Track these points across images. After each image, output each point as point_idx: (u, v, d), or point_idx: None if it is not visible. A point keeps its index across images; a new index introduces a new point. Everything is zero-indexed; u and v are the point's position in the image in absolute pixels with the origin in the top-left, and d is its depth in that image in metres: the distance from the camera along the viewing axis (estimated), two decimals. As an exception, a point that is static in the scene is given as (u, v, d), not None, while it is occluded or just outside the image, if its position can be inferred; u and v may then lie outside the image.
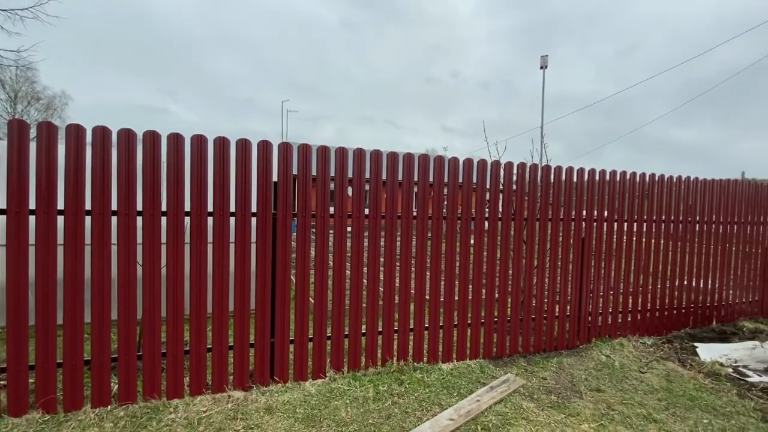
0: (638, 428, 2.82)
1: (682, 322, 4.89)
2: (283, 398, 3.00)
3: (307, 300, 3.23)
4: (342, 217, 3.30)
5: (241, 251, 3.00)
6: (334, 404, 2.96)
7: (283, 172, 3.07)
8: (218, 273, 2.96)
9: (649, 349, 4.32)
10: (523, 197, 3.98)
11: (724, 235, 5.09)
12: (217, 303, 2.97)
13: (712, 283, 5.06)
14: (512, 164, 3.93)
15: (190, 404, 2.90)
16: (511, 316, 4.01)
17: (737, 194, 5.17)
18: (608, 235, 4.41)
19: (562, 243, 4.17)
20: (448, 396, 3.16)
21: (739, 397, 3.28)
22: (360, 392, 3.13)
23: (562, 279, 4.20)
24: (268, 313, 3.11)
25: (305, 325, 3.24)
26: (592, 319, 4.39)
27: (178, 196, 2.84)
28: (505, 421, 2.84)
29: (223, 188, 2.94)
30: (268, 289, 3.09)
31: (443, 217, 3.68)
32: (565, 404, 3.12)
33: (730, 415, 3.02)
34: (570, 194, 4.18)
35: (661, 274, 4.74)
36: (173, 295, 2.86)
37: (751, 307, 5.36)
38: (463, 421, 2.79)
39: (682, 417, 2.99)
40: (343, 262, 3.33)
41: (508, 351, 4.02)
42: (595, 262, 4.35)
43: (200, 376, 2.98)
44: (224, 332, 3.02)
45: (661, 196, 4.67)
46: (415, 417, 2.85)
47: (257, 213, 3.04)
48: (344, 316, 3.37)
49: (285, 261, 3.13)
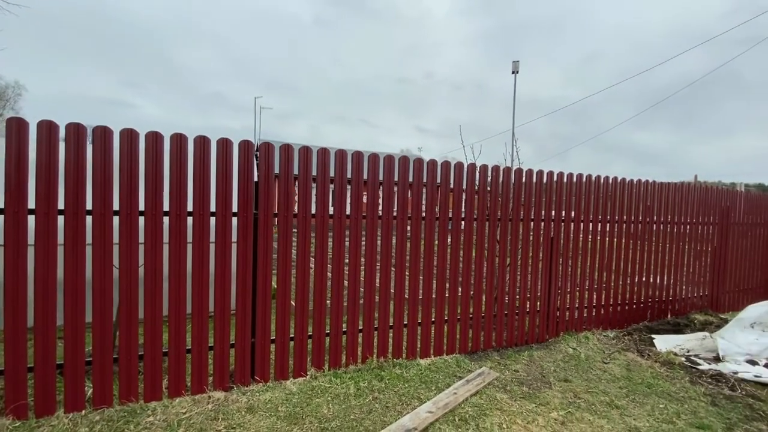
0: (602, 414, 3.03)
1: (640, 316, 5.24)
2: (265, 397, 3.02)
3: (288, 300, 3.25)
4: (324, 218, 3.34)
5: (222, 251, 2.99)
6: (315, 402, 3.00)
7: (265, 172, 3.08)
8: (198, 273, 2.94)
9: (611, 341, 4.60)
10: (497, 198, 4.16)
11: (678, 235, 5.49)
12: (197, 304, 2.95)
13: (668, 279, 5.44)
14: (487, 167, 4.09)
15: (168, 406, 2.86)
16: (486, 313, 4.18)
17: (690, 197, 5.59)
18: (575, 234, 4.67)
19: (532, 242, 4.38)
20: (427, 390, 3.27)
21: (691, 383, 3.58)
22: (341, 389, 3.18)
23: (533, 276, 4.41)
24: (249, 314, 3.11)
25: (286, 325, 3.26)
26: (560, 314, 4.63)
27: (156, 196, 2.80)
28: (480, 411, 2.98)
29: (203, 188, 2.92)
30: (249, 289, 3.09)
31: (421, 217, 3.79)
32: (536, 394, 3.30)
33: (683, 400, 3.29)
34: (540, 196, 4.39)
35: (623, 271, 5.06)
36: (151, 297, 2.82)
37: (701, 301, 5.81)
38: (441, 413, 2.91)
39: (641, 402, 3.23)
40: (325, 262, 3.38)
41: (483, 346, 4.19)
42: (562, 260, 4.60)
43: (179, 378, 2.94)
44: (204, 333, 2.99)
45: (622, 198, 4.99)
46: (396, 411, 2.94)
47: (238, 213, 3.03)
48: (325, 315, 3.42)
49: (266, 261, 3.14)
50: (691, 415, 3.04)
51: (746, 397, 3.32)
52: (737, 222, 6.18)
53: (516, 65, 18.14)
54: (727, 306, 6.13)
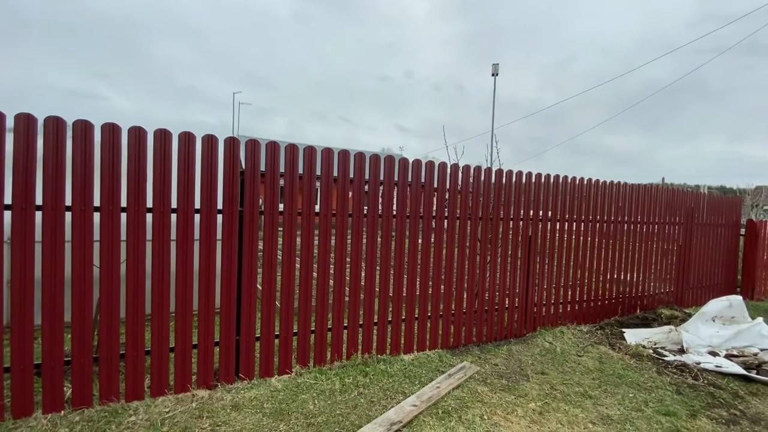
0: (577, 404, 3.18)
1: (612, 311, 5.49)
2: (250, 395, 3.02)
3: (273, 297, 3.26)
4: (310, 215, 3.36)
5: (206, 249, 2.97)
6: (301, 398, 3.03)
7: (251, 169, 3.07)
8: (181, 271, 2.91)
9: (585, 335, 4.81)
10: (478, 198, 4.28)
11: (647, 234, 5.78)
12: (180, 302, 2.92)
13: (637, 277, 5.72)
14: (470, 167, 4.20)
15: (151, 405, 2.82)
16: (467, 309, 4.29)
17: (658, 198, 5.89)
18: (551, 233, 4.85)
19: (511, 241, 4.52)
20: (411, 384, 3.35)
21: (658, 374, 3.80)
22: (326, 385, 3.22)
23: (512, 274, 4.56)
24: (233, 311, 3.10)
25: (272, 322, 3.27)
26: (537, 309, 4.80)
27: (139, 192, 2.76)
28: (462, 404, 3.08)
29: (187, 185, 2.89)
30: (234, 287, 3.08)
31: (406, 216, 3.86)
32: (515, 387, 3.43)
33: (651, 389, 3.49)
34: (519, 196, 4.54)
35: (596, 269, 5.29)
36: (133, 295, 2.78)
37: (668, 296, 6.13)
38: (425, 406, 2.99)
39: (612, 392, 3.41)
40: (310, 259, 3.40)
41: (464, 341, 4.30)
42: (540, 258, 4.77)
43: (162, 377, 2.91)
44: (188, 331, 2.97)
45: (596, 199, 5.21)
46: (381, 405, 3.00)
47: (223, 210, 3.02)
48: (311, 312, 3.44)
49: (251, 259, 3.13)
50: (658, 403, 3.24)
51: (708, 386, 3.55)
52: (700, 222, 6.55)
53: (496, 68, 18.52)
54: (690, 301, 6.49)
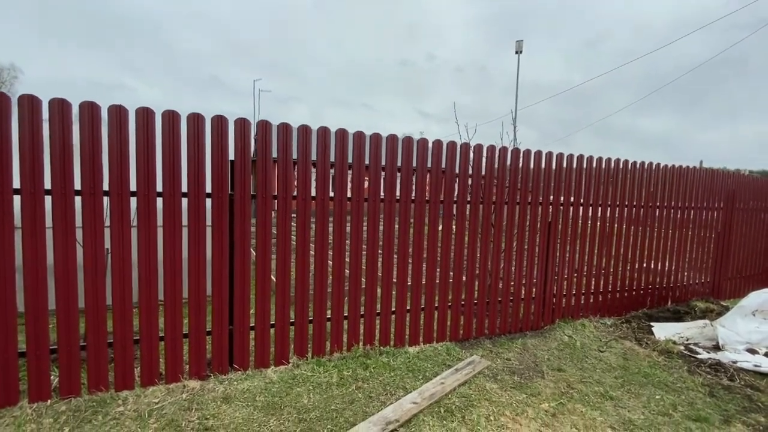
0: (595, 406, 2.90)
1: (640, 303, 5.09)
2: (243, 386, 2.89)
3: (268, 286, 3.10)
4: (306, 200, 3.15)
5: (195, 234, 2.82)
6: (296, 391, 2.88)
7: (241, 150, 2.88)
8: (170, 258, 2.77)
9: (608, 329, 4.46)
10: (492, 181, 3.95)
11: (682, 220, 5.29)
12: (170, 290, 2.79)
13: (669, 265, 5.27)
14: (482, 146, 3.88)
15: (141, 396, 2.74)
16: (478, 299, 4.03)
17: (695, 180, 5.36)
18: (573, 219, 4.47)
19: (529, 226, 4.19)
20: (414, 379, 3.14)
21: (689, 373, 3.44)
22: (324, 378, 3.05)
23: (529, 262, 4.24)
24: (225, 300, 2.95)
25: (267, 311, 3.12)
26: (556, 300, 4.48)
27: (122, 174, 2.61)
28: (468, 402, 2.85)
29: (173, 166, 2.72)
30: (225, 274, 2.93)
31: (411, 200, 3.60)
32: (528, 384, 3.17)
33: (681, 391, 3.15)
34: (538, 178, 4.18)
35: (622, 257, 4.88)
36: (120, 282, 2.66)
37: (703, 287, 5.65)
38: (426, 404, 2.78)
39: (637, 393, 3.10)
40: (307, 245, 3.21)
41: (475, 333, 4.05)
42: (560, 245, 4.42)
43: (152, 366, 2.81)
44: (178, 320, 2.85)
45: (624, 182, 4.77)
46: (379, 401, 2.82)
47: (212, 194, 2.85)
48: (308, 301, 3.27)
49: (244, 245, 2.97)
50: (688, 407, 2.91)
51: (745, 388, 3.18)
52: (741, 207, 5.97)
53: (520, 45, 17.62)
54: (728, 293, 5.97)
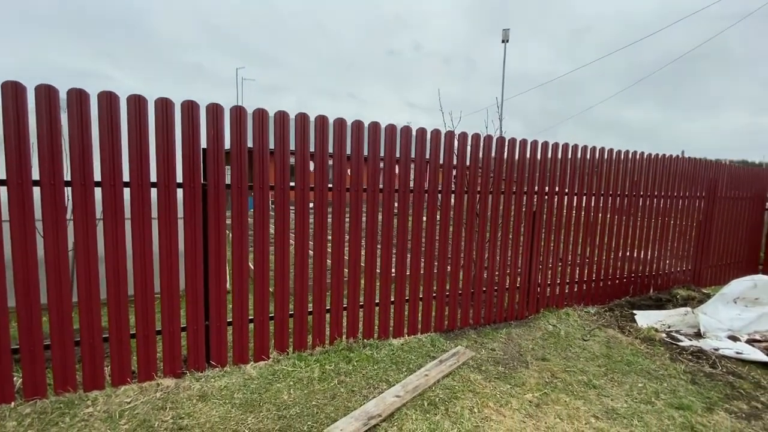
0: (579, 395, 2.89)
1: (623, 291, 5.13)
2: (220, 383, 2.79)
3: (245, 279, 2.99)
4: (284, 190, 3.03)
5: (166, 226, 2.68)
6: (276, 387, 2.79)
7: (213, 138, 2.73)
8: (139, 251, 2.64)
9: (592, 317, 4.48)
10: (477, 170, 3.88)
11: (665, 209, 5.32)
12: (140, 284, 2.66)
13: (651, 254, 5.31)
14: (466, 135, 3.79)
15: (111, 396, 2.62)
16: (463, 289, 3.98)
17: (678, 170, 5.38)
18: (558, 208, 4.45)
19: (514, 216, 4.15)
20: (397, 372, 3.09)
21: (671, 360, 3.46)
22: (305, 373, 2.98)
23: (513, 251, 4.21)
24: (200, 294, 2.84)
25: (245, 306, 3.01)
26: (540, 290, 4.47)
27: (85, 163, 2.45)
28: (452, 394, 2.81)
29: (141, 155, 2.57)
30: (199, 268, 2.81)
31: (395, 189, 3.51)
32: (512, 374, 3.14)
33: (663, 378, 3.17)
34: (523, 167, 4.13)
35: (606, 246, 4.89)
36: (85, 277, 2.52)
37: (684, 275, 5.72)
38: (409, 397, 2.73)
39: (620, 382, 3.10)
40: (286, 236, 3.10)
41: (460, 324, 4.01)
42: (545, 234, 4.39)
43: (123, 365, 2.69)
44: (149, 316, 2.72)
45: (608, 171, 4.75)
46: (361, 395, 2.75)
47: (184, 183, 2.71)
48: (288, 294, 3.17)
49: (219, 237, 2.84)
50: (671, 395, 2.92)
51: (727, 375, 3.21)
52: (723, 196, 6.04)
53: (506, 34, 17.51)
54: (709, 280, 6.07)
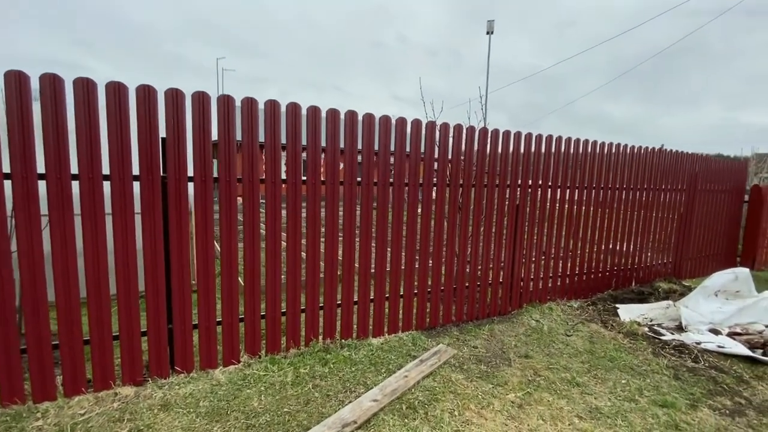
0: (562, 394, 2.80)
1: (605, 284, 5.10)
2: (185, 391, 2.61)
3: (212, 279, 2.79)
4: (253, 182, 2.84)
5: (122, 222, 2.46)
6: (245, 393, 2.62)
7: (174, 126, 2.51)
8: (91, 249, 2.41)
9: (575, 311, 4.43)
10: (459, 162, 3.74)
11: (647, 202, 5.30)
12: (93, 286, 2.44)
13: (633, 247, 5.29)
14: (448, 125, 3.65)
15: (64, 407, 2.41)
16: (445, 285, 3.86)
17: (660, 163, 5.36)
18: (541, 201, 4.36)
19: (497, 209, 4.04)
20: (376, 373, 2.95)
21: (654, 355, 3.42)
22: (278, 377, 2.81)
23: (496, 245, 4.11)
24: (162, 296, 2.63)
25: (211, 307, 2.82)
26: (524, 284, 4.39)
27: (25, 153, 2.21)
28: (432, 396, 2.69)
29: (90, 144, 2.34)
30: (160, 267, 2.60)
31: (373, 183, 3.35)
32: (494, 373, 3.05)
33: (646, 374, 3.12)
34: (506, 159, 4.01)
35: (589, 239, 4.84)
36: (30, 278, 2.29)
37: (665, 268, 5.74)
38: (387, 401, 2.59)
39: (603, 379, 3.03)
40: (256, 232, 2.91)
41: (442, 321, 3.90)
42: (528, 227, 4.30)
43: (77, 373, 2.48)
44: (105, 320, 2.51)
45: (592, 163, 4.68)
46: (337, 400, 2.61)
47: (140, 176, 2.48)
48: (260, 293, 2.99)
49: (181, 234, 2.63)
50: (654, 391, 2.86)
51: (709, 369, 3.18)
52: (704, 189, 6.07)
53: (491, 25, 17.41)
54: (689, 273, 6.12)
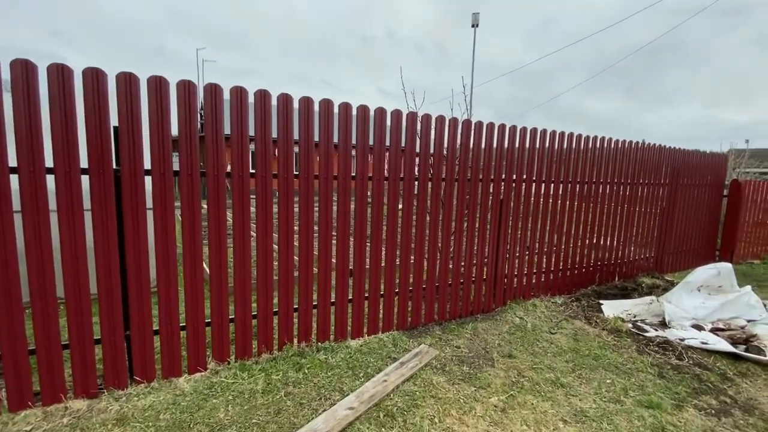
0: (546, 396, 2.70)
1: (589, 280, 5.05)
2: (145, 402, 2.41)
3: (174, 281, 2.58)
4: (218, 176, 2.63)
5: (69, 219, 2.23)
6: (211, 403, 2.44)
7: (127, 114, 2.28)
8: (35, 249, 2.18)
9: (559, 308, 4.36)
10: (441, 154, 3.59)
11: (630, 196, 5.26)
12: (37, 290, 2.21)
13: (617, 242, 5.26)
14: (430, 117, 3.49)
15: (8, 423, 2.19)
16: (427, 283, 3.73)
17: (644, 157, 5.32)
18: (526, 196, 4.25)
19: (480, 204, 3.91)
20: (354, 378, 2.80)
21: (638, 353, 3.36)
22: (247, 385, 2.63)
23: (480, 241, 3.99)
24: (117, 300, 2.41)
25: (174, 311, 2.61)
26: (507, 281, 4.29)
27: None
28: (412, 402, 2.55)
29: (31, 133, 2.10)
30: (115, 269, 2.38)
31: (351, 177, 3.17)
32: (477, 375, 2.93)
33: (631, 373, 3.05)
34: (490, 152, 3.88)
35: (574, 234, 4.77)
36: (-37, 284, 2.05)
37: (648, 262, 5.74)
38: (364, 408, 2.44)
39: (588, 378, 2.95)
40: (223, 228, 2.70)
41: (424, 320, 3.77)
42: (512, 222, 4.19)
43: (22, 386, 2.25)
44: (52, 327, 2.28)
45: (577, 157, 4.59)
46: (311, 409, 2.45)
47: (90, 169, 2.25)
48: (227, 295, 2.79)
49: (138, 232, 2.41)
50: (639, 391, 2.79)
51: (693, 367, 3.13)
52: (685, 183, 6.08)
53: (476, 18, 17.28)
54: (670, 267, 6.14)
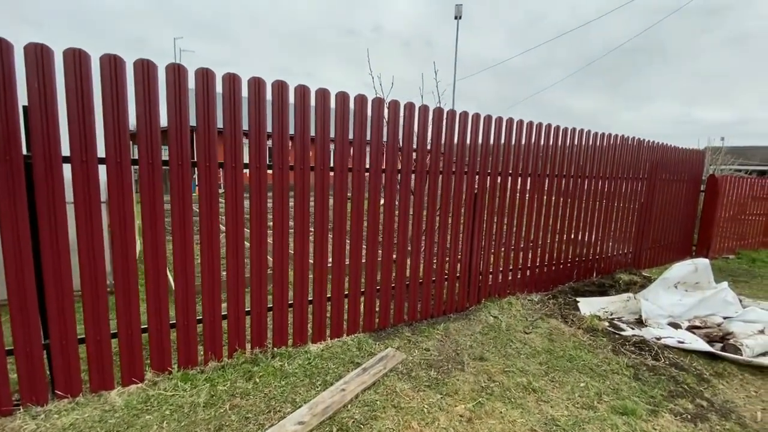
0: (516, 402, 2.52)
1: (567, 276, 4.92)
2: (66, 420, 2.12)
3: (101, 283, 2.29)
4: (154, 165, 2.34)
5: (-33, 215, 1.92)
6: (144, 420, 2.17)
7: (39, 91, 1.98)
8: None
9: (536, 306, 4.21)
10: (410, 145, 3.37)
11: (609, 191, 5.15)
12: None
13: (595, 237, 5.14)
14: (398, 102, 3.25)
15: None
16: (396, 281, 3.51)
17: (623, 151, 5.20)
18: (501, 189, 4.07)
19: (453, 198, 3.71)
20: (310, 387, 2.57)
21: (614, 353, 3.22)
22: (188, 397, 2.37)
23: (453, 237, 3.79)
24: (33, 306, 2.11)
25: (102, 317, 2.32)
26: (482, 278, 4.11)
27: None
28: (370, 413, 2.33)
29: None
30: (28, 271, 2.08)
31: (310, 168, 2.92)
32: (445, 381, 2.73)
33: (606, 375, 2.90)
34: (464, 144, 3.67)
35: (551, 229, 4.62)
36: None
37: (625, 258, 5.65)
38: (317, 422, 2.22)
39: (561, 382, 2.79)
40: (160, 221, 2.42)
41: (393, 321, 3.56)
42: (487, 217, 4.01)
43: None
44: (-49, 339, 1.98)
45: (554, 153, 4.43)
46: (257, 424, 2.21)
47: (-8, 155, 1.95)
48: (167, 297, 2.51)
49: (57, 229, 2.12)
50: (614, 395, 2.64)
51: (670, 367, 3.00)
52: (664, 178, 6.02)
53: (459, 9, 17.08)
54: (647, 262, 6.09)
